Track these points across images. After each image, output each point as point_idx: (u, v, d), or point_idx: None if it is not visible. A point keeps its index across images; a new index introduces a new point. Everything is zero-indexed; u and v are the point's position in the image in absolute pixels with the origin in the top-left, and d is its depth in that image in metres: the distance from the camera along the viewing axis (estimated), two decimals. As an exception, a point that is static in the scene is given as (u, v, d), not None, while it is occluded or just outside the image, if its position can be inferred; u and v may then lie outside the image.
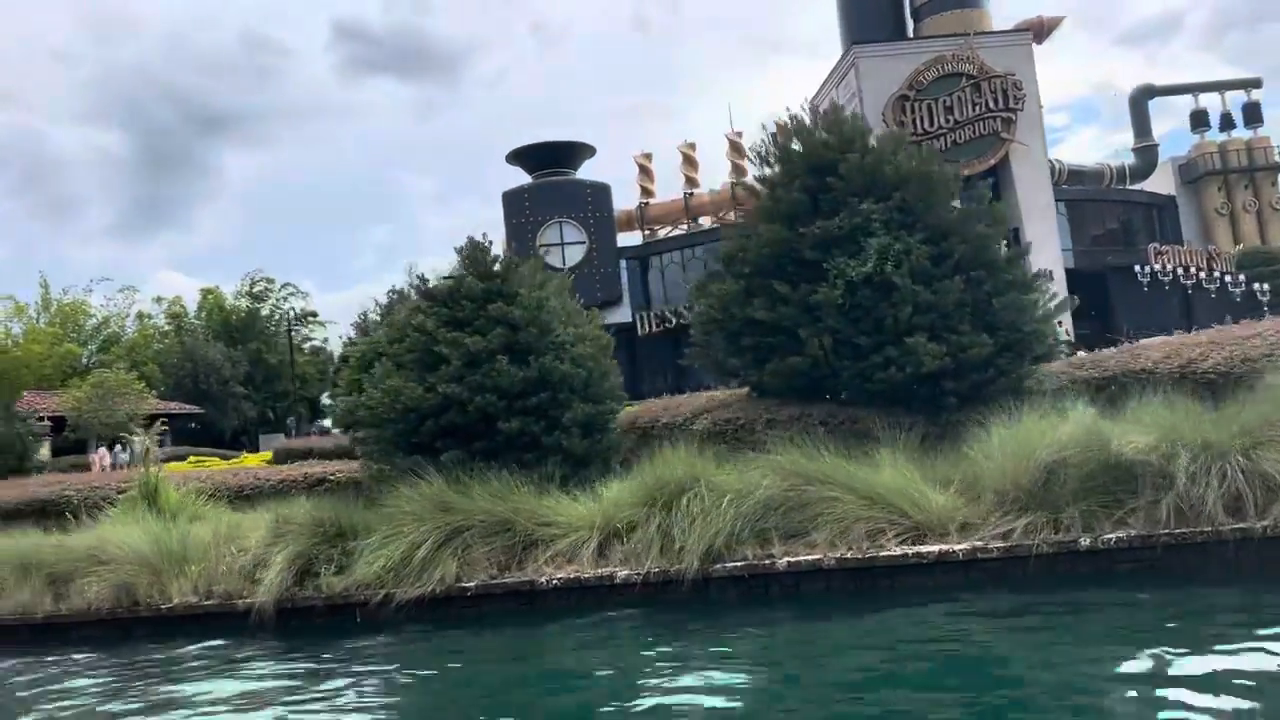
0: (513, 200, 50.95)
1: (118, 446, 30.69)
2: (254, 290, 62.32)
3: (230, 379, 53.24)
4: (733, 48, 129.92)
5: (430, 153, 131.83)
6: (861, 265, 13.22)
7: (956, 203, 14.56)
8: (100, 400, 38.45)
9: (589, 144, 52.90)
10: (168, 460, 22.55)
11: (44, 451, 34.79)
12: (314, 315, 64.43)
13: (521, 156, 52.81)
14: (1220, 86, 57.71)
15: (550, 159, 51.95)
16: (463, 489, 11.89)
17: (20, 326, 55.35)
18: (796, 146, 14.25)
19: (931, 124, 44.60)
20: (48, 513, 15.50)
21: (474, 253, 15.02)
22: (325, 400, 21.26)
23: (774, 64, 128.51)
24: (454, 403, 13.56)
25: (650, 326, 47.80)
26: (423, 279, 15.51)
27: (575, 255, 50.14)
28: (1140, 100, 57.17)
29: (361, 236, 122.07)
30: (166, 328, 60.63)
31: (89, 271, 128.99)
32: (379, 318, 28.55)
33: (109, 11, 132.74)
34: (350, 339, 66.77)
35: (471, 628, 10.71)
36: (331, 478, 16.57)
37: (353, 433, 14.70)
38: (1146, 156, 55.67)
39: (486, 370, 13.61)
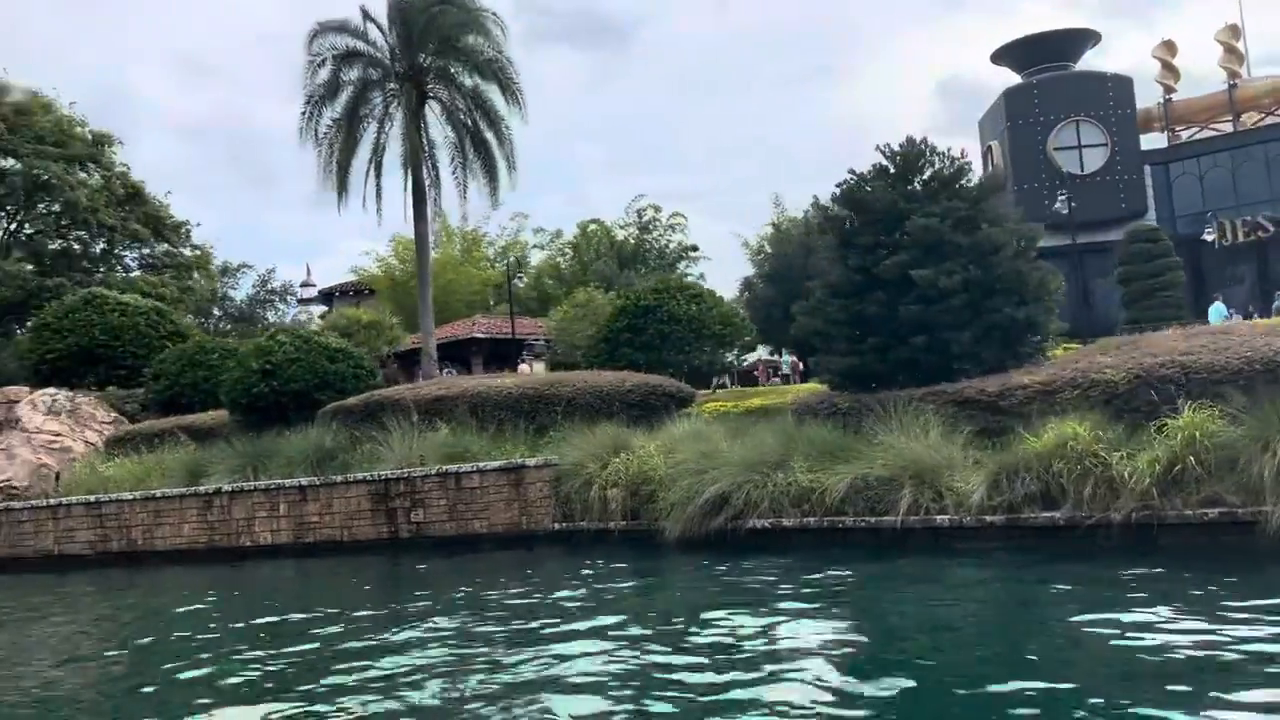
0: (1017, 97, 43.90)
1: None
2: (642, 221, 57.36)
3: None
4: (910, 6, 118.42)
5: (600, 121, 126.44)
6: None
7: None
8: (581, 320, 34.12)
9: (1092, 30, 45.35)
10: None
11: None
12: (695, 249, 58.73)
13: (1008, 54, 45.72)
14: None
15: (1045, 53, 44.61)
16: None
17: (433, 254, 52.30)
18: None
19: None
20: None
21: None
22: None
23: (953, 22, 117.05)
24: None
25: (1234, 236, 39.78)
26: None
27: (1095, 160, 42.85)
28: None
29: (531, 205, 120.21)
30: (559, 258, 56.65)
31: (292, 237, 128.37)
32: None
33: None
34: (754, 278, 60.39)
35: None
36: None
37: None
38: None
39: None
